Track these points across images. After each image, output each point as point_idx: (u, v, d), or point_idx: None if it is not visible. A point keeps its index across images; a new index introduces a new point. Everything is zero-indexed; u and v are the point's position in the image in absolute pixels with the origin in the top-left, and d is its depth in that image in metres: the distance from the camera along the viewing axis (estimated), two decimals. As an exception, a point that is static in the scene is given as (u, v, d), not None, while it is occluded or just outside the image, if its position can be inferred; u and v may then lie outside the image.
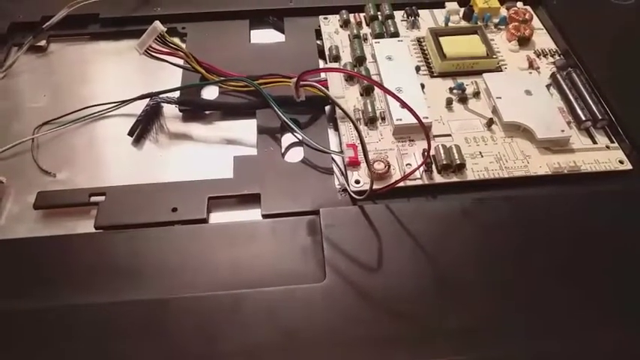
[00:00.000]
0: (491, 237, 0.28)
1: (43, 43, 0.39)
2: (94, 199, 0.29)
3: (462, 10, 0.40)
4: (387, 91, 0.25)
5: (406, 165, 0.30)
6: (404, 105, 0.24)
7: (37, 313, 0.25)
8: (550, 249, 0.27)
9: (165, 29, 0.33)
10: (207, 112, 0.35)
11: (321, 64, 0.38)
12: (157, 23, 0.33)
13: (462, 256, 0.27)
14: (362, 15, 0.40)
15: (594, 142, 0.32)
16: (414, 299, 0.25)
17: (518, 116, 0.32)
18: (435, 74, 0.36)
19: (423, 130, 0.26)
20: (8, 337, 0.24)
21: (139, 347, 0.24)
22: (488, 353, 0.24)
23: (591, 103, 0.33)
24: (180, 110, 0.35)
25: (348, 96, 0.35)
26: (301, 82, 0.27)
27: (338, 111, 0.33)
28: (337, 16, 0.40)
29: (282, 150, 0.33)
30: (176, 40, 0.35)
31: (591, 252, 0.27)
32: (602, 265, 0.27)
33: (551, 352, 0.24)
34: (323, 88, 0.27)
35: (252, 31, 0.41)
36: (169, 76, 0.36)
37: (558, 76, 0.35)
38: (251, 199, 0.30)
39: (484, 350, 0.24)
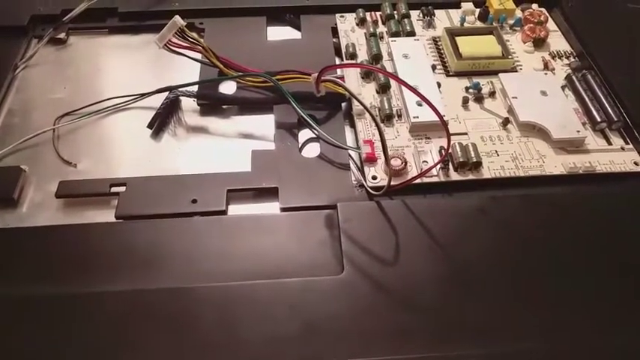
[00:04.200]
0: (507, 235, 0.28)
1: (62, 35, 0.40)
2: (114, 189, 0.30)
3: (478, 10, 0.41)
4: (412, 90, 0.25)
5: (422, 162, 0.31)
6: (428, 104, 0.25)
7: (57, 299, 0.25)
8: (564, 248, 0.27)
9: (185, 23, 0.33)
10: (224, 107, 0.36)
11: (338, 61, 0.38)
12: (177, 17, 0.33)
13: (477, 253, 0.27)
14: (378, 14, 0.41)
15: (609, 144, 0.32)
16: (430, 293, 0.26)
17: (534, 116, 0.32)
18: (450, 73, 0.36)
19: (444, 127, 0.26)
20: (27, 323, 0.25)
21: (157, 335, 0.24)
22: (502, 349, 0.24)
23: (606, 105, 0.33)
24: (198, 104, 0.35)
25: (364, 93, 0.35)
26: (322, 78, 0.27)
27: (354, 108, 0.34)
28: (354, 14, 0.41)
29: (299, 145, 0.33)
30: (195, 34, 0.35)
31: (606, 251, 0.27)
32: (617, 265, 0.27)
33: (563, 350, 0.24)
34: (344, 84, 0.27)
35: (268, 28, 0.41)
36: (187, 71, 0.36)
37: (574, 77, 0.36)
38: (269, 193, 0.30)
39: (497, 346, 0.24)
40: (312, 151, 0.33)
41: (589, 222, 0.29)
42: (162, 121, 0.34)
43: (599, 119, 0.33)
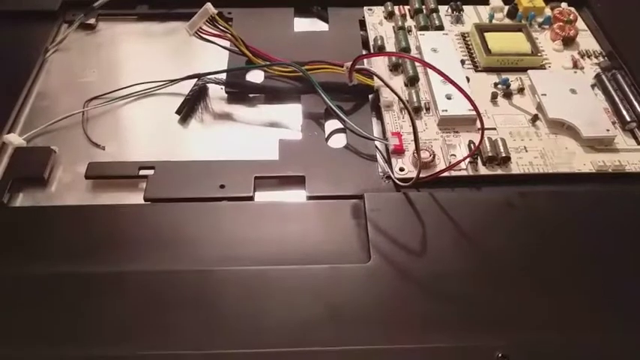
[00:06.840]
0: (534, 230, 0.28)
1: (92, 21, 0.40)
2: (143, 172, 0.30)
3: (507, 7, 0.40)
4: (450, 81, 0.26)
5: (451, 155, 0.31)
6: (464, 94, 0.25)
7: (84, 278, 0.26)
8: (590, 245, 0.27)
9: (217, 12, 0.33)
10: (251, 95, 0.36)
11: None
12: (209, 5, 0.33)
13: (503, 247, 0.27)
14: (406, 7, 0.41)
15: (639, 143, 0.32)
16: (456, 285, 0.26)
17: (563, 114, 0.32)
18: (479, 69, 0.36)
19: (480, 121, 0.26)
20: (53, 300, 0.25)
21: (182, 316, 0.24)
22: (525, 340, 0.24)
23: (636, 105, 0.33)
24: (226, 92, 0.35)
25: (392, 86, 0.35)
26: (355, 67, 0.27)
27: (382, 100, 0.34)
28: (382, 7, 0.41)
29: (326, 135, 0.33)
30: (225, 23, 0.36)
31: (631, 251, 0.27)
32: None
33: (586, 344, 0.24)
34: (377, 73, 0.27)
35: (295, 19, 0.41)
36: (214, 59, 0.37)
37: (603, 76, 0.35)
38: (296, 181, 0.30)
39: (521, 337, 0.24)
40: (339, 141, 0.33)
41: (616, 221, 0.28)
42: (190, 107, 0.34)
43: (628, 119, 0.33)
